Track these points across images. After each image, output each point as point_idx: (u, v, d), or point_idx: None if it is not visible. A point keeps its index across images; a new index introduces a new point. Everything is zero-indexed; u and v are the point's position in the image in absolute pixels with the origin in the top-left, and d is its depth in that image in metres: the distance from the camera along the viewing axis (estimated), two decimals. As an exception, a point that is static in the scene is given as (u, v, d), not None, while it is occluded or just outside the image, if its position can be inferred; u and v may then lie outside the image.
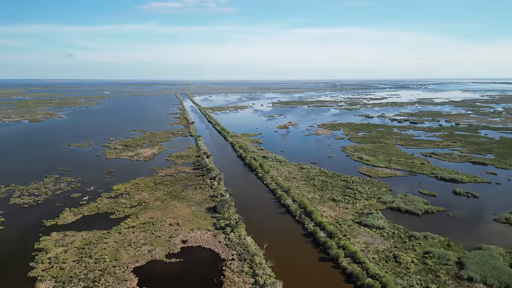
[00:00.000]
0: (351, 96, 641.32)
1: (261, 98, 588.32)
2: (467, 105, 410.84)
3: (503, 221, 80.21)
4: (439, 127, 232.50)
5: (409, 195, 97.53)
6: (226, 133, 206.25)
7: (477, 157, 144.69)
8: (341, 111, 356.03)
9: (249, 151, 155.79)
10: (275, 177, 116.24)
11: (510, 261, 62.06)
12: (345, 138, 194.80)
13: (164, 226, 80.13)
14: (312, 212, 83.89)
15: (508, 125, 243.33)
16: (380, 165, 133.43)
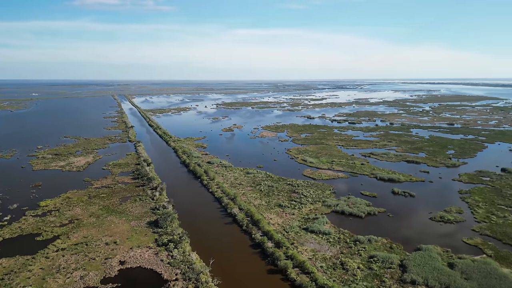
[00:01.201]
0: (293, 97, 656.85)
1: (205, 99, 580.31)
2: (398, 105, 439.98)
3: (438, 219, 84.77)
4: (376, 127, 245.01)
5: (352, 197, 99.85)
6: (168, 138, 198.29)
7: (411, 156, 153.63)
8: (284, 112, 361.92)
9: (193, 157, 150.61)
10: (221, 184, 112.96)
11: (448, 260, 65.16)
12: (289, 140, 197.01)
13: (99, 246, 73.11)
14: (259, 221, 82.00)
15: (436, 123, 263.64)
16: (323, 167, 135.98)
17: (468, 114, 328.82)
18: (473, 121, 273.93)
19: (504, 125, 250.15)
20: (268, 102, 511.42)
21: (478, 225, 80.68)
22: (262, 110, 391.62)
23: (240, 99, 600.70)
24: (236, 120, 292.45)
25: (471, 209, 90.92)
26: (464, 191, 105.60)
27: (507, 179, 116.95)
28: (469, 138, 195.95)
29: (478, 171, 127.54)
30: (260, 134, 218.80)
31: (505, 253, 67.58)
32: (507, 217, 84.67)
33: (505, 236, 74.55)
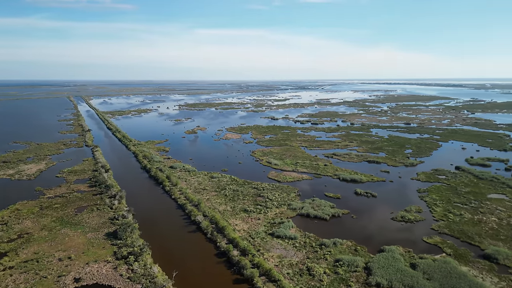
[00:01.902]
0: (257, 97, 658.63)
1: (167, 100, 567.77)
2: (358, 105, 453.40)
3: (400, 219, 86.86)
4: (337, 127, 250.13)
5: (316, 199, 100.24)
6: (128, 141, 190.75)
7: (371, 156, 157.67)
8: (248, 113, 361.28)
9: (154, 161, 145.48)
10: (184, 189, 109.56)
11: (410, 261, 66.55)
12: (254, 141, 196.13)
13: (52, 262, 67.84)
14: (224, 228, 79.94)
15: (394, 123, 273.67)
16: (287, 168, 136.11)
17: (423, 113, 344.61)
18: (427, 121, 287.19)
19: (456, 124, 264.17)
20: (232, 103, 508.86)
21: (437, 224, 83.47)
22: (226, 111, 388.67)
23: (204, 100, 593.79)
24: (200, 122, 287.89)
25: (429, 208, 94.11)
26: (423, 190, 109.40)
27: (461, 177, 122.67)
28: (425, 137, 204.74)
29: (434, 169, 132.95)
30: (224, 136, 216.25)
31: (463, 251, 70.12)
32: (463, 215, 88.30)
33: (462, 234, 77.55)
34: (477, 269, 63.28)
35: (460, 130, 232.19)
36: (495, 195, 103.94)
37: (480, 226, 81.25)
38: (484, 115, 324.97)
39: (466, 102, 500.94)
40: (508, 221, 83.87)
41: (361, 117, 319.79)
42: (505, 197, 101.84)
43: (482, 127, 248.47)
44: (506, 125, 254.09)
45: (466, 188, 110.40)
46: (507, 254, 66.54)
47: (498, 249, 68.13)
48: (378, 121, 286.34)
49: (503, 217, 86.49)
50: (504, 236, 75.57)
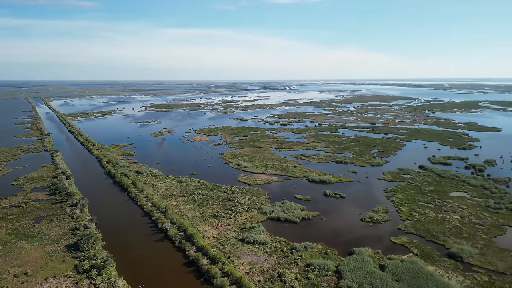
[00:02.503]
0: (226, 98, 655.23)
1: (132, 101, 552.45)
2: (325, 105, 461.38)
3: (368, 220, 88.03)
4: (306, 128, 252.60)
5: (286, 202, 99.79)
6: (91, 145, 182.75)
7: (339, 156, 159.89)
8: (217, 114, 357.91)
9: (119, 166, 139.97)
10: (151, 195, 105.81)
11: (379, 262, 67.25)
12: (223, 143, 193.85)
13: (6, 280, 62.86)
14: (193, 235, 77.52)
15: (360, 123, 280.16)
16: (257, 171, 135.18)
17: (387, 113, 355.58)
18: (391, 120, 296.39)
19: (418, 124, 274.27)
20: (200, 104, 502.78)
21: (403, 224, 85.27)
22: (194, 112, 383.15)
23: (171, 100, 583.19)
24: (167, 124, 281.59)
25: (396, 208, 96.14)
26: (389, 190, 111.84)
27: (425, 175, 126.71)
28: (389, 137, 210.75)
29: (399, 169, 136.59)
30: (192, 138, 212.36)
31: (429, 250, 71.83)
32: (427, 213, 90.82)
33: (428, 233, 79.58)
34: (443, 268, 64.89)
35: (422, 130, 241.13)
36: (457, 193, 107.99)
37: (444, 225, 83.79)
38: (444, 115, 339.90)
39: (427, 102, 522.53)
40: (470, 219, 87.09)
41: (328, 117, 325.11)
42: (466, 195, 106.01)
43: (442, 126, 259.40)
44: (464, 124, 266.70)
45: (430, 186, 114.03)
46: (470, 252, 68.76)
47: (462, 248, 70.29)
48: (344, 121, 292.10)
49: (465, 215, 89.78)
50: (467, 234, 78.26)
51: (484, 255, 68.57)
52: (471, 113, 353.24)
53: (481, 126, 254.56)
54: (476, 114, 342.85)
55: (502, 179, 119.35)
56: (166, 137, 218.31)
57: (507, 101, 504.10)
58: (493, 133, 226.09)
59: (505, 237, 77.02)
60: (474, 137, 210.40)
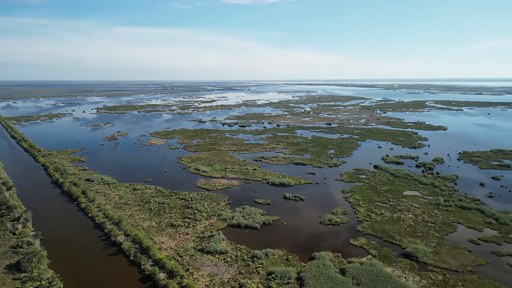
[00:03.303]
0: (183, 99, 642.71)
1: (83, 103, 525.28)
2: (283, 106, 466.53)
3: (327, 222, 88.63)
4: (264, 129, 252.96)
5: (247, 207, 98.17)
6: (36, 152, 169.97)
7: (297, 158, 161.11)
8: (174, 116, 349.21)
9: (68, 174, 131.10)
10: (103, 205, 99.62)
11: (339, 266, 67.51)
12: (180, 147, 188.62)
13: None
14: (149, 248, 73.51)
15: (316, 124, 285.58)
16: (217, 175, 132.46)
17: (342, 113, 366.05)
18: (346, 120, 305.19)
19: (371, 123, 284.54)
20: (156, 105, 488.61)
21: (361, 225, 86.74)
22: (149, 114, 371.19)
23: (125, 102, 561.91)
24: (120, 127, 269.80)
25: (353, 209, 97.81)
26: (346, 191, 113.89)
27: (379, 175, 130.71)
28: (345, 137, 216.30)
29: (355, 169, 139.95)
30: (148, 142, 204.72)
31: (387, 251, 73.36)
32: (383, 213, 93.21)
33: (384, 233, 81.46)
34: (400, 269, 66.39)
35: (375, 129, 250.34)
36: (410, 192, 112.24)
37: (399, 224, 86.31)
38: (395, 114, 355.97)
39: (379, 102, 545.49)
40: (422, 217, 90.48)
41: (286, 118, 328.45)
42: (418, 193, 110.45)
43: (393, 125, 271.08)
44: (413, 123, 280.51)
45: (385, 186, 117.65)
46: (425, 251, 71.04)
47: (417, 247, 72.47)
48: (302, 122, 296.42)
49: (418, 213, 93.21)
50: (421, 233, 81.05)
51: (438, 254, 71.18)
52: (419, 113, 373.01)
53: (428, 125, 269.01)
54: (423, 114, 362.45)
55: (450, 177, 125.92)
56: (119, 141, 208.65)
57: (450, 101, 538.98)
58: (439, 132, 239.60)
59: (456, 234, 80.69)
60: (423, 136, 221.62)
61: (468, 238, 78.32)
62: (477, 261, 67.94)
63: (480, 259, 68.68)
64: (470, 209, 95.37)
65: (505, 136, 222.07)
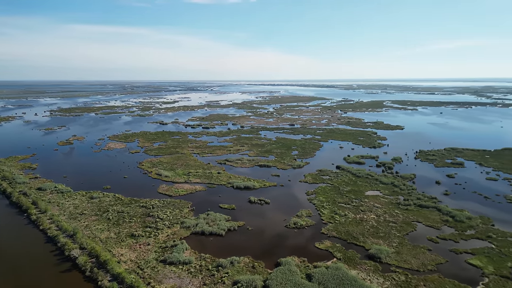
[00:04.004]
0: (143, 100, 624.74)
1: (35, 105, 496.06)
2: (247, 107, 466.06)
3: (292, 226, 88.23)
4: (228, 131, 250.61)
5: (211, 213, 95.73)
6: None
7: (262, 160, 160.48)
8: (134, 118, 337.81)
9: (17, 183, 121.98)
10: (56, 217, 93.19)
11: (305, 271, 67.04)
12: (141, 151, 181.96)
13: None
14: (107, 262, 69.23)
15: (280, 125, 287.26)
16: (179, 180, 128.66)
17: (304, 114, 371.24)
18: (309, 121, 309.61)
19: (332, 124, 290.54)
20: (115, 107, 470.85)
21: (326, 227, 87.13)
22: (108, 116, 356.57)
23: (81, 103, 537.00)
24: (76, 130, 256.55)
25: (318, 211, 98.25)
26: (310, 192, 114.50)
27: (342, 176, 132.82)
28: (308, 138, 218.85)
29: (319, 170, 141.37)
30: (106, 146, 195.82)
31: (351, 253, 73.94)
32: (347, 215, 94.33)
33: (349, 235, 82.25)
34: (364, 271, 67.04)
35: (337, 129, 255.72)
36: (371, 192, 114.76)
37: (363, 225, 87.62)
38: (355, 114, 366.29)
39: (339, 102, 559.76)
40: (384, 217, 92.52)
41: (250, 119, 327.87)
42: (379, 193, 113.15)
43: (354, 125, 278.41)
44: (372, 123, 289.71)
45: (347, 187, 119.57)
46: (387, 252, 72.34)
47: (380, 248, 73.66)
48: (265, 123, 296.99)
49: (380, 213, 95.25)
50: (383, 233, 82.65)
51: (400, 254, 72.75)
52: (378, 112, 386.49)
53: (387, 125, 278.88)
54: (382, 113, 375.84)
55: (408, 176, 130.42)
56: (75, 145, 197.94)
57: (406, 101, 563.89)
58: (397, 131, 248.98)
59: (416, 234, 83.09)
60: (382, 135, 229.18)
61: (428, 237, 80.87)
62: (437, 260, 70.09)
63: (439, 258, 70.93)
64: (428, 207, 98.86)
65: (457, 134, 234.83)
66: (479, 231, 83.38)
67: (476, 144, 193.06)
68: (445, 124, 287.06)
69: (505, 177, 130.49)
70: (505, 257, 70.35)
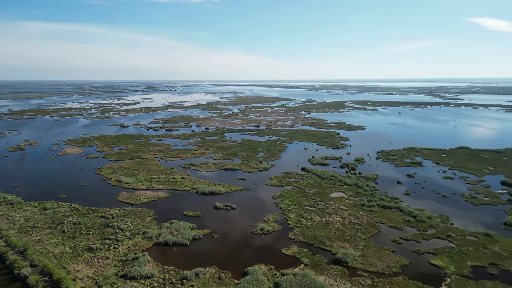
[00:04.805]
0: (103, 101, 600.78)
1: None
2: (211, 108, 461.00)
3: (259, 232, 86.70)
4: (193, 133, 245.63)
5: (175, 221, 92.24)
6: None
7: (228, 163, 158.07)
8: (93, 121, 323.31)
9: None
10: (5, 231, 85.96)
11: (273, 280, 65.70)
12: (100, 156, 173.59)
13: None
14: (61, 280, 64.22)
15: (245, 126, 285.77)
16: (141, 187, 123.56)
17: (269, 115, 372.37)
18: (274, 122, 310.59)
19: (297, 125, 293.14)
20: (72, 109, 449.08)
21: (293, 232, 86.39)
22: (64, 119, 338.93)
23: (35, 105, 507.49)
24: (29, 135, 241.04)
25: (284, 215, 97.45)
26: (277, 196, 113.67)
27: (307, 178, 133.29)
28: (273, 140, 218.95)
29: (284, 172, 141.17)
30: (62, 151, 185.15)
31: (318, 258, 73.53)
32: (313, 218, 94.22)
33: (315, 239, 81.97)
34: (332, 276, 66.76)
35: (301, 131, 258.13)
36: (336, 193, 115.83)
37: (329, 229, 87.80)
38: (318, 115, 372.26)
39: (303, 102, 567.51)
40: (349, 219, 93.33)
41: (215, 120, 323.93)
42: (344, 194, 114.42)
43: (317, 126, 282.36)
44: (335, 124, 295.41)
45: (313, 189, 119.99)
46: (353, 256, 72.63)
47: (346, 252, 73.83)
48: (231, 125, 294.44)
49: (345, 215, 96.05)
50: (349, 236, 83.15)
51: (365, 257, 73.29)
52: (340, 113, 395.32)
53: (349, 125, 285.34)
54: (344, 114, 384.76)
55: (371, 177, 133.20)
56: (27, 151, 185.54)
57: (366, 101, 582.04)
58: (359, 132, 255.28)
59: (380, 235, 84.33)
60: (345, 136, 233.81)
61: (391, 238, 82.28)
62: (401, 261, 71.26)
63: (403, 259, 72.17)
64: (391, 208, 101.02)
65: (415, 134, 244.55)
66: (439, 230, 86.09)
67: (432, 143, 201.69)
68: (404, 124, 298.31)
69: (460, 175, 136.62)
70: (465, 256, 72.82)
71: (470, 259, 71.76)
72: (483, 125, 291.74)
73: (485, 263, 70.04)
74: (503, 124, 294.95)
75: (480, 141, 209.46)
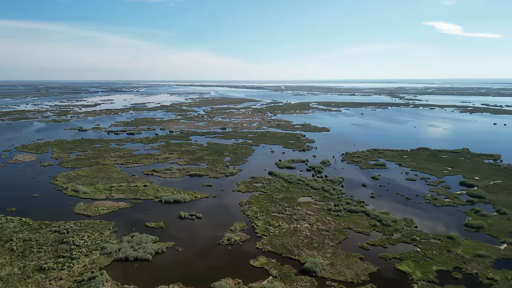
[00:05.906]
0: (60, 103, 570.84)
1: None
2: (176, 110, 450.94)
3: (226, 243, 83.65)
4: (156, 137, 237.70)
5: (136, 234, 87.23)
6: None
7: (193, 168, 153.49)
8: (48, 125, 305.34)
9: None
10: None
11: (241, 295, 63.09)
12: (55, 163, 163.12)
13: None
14: (6, 308, 58.11)
15: (211, 129, 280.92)
16: (100, 196, 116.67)
17: (236, 117, 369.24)
18: (240, 124, 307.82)
19: (263, 127, 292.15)
20: (25, 111, 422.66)
21: (261, 241, 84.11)
22: (16, 122, 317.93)
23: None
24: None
25: (252, 223, 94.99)
26: (244, 202, 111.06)
27: (275, 182, 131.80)
28: (240, 143, 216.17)
29: (252, 177, 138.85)
30: (13, 158, 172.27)
31: (287, 269, 71.67)
32: (281, 225, 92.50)
33: (283, 248, 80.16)
34: (301, 288, 65.17)
35: (268, 133, 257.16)
36: (303, 198, 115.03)
37: (297, 236, 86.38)
38: (284, 116, 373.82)
39: (269, 104, 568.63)
40: (317, 225, 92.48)
41: (179, 123, 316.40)
42: (311, 199, 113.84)
43: (283, 128, 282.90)
44: (301, 125, 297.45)
45: (280, 194, 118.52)
46: (322, 265, 71.45)
47: (315, 261, 72.51)
48: (196, 127, 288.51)
49: (313, 221, 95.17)
50: (317, 244, 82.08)
51: (334, 265, 72.37)
52: (305, 114, 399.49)
53: (314, 127, 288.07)
54: (308, 115, 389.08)
55: (337, 180, 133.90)
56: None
57: (330, 102, 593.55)
58: (324, 133, 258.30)
59: (348, 241, 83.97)
60: (310, 138, 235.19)
61: (359, 244, 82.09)
62: (369, 269, 70.95)
63: (371, 266, 71.91)
64: (357, 212, 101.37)
65: (378, 135, 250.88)
66: (404, 234, 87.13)
67: (394, 144, 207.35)
68: (366, 125, 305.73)
69: (422, 176, 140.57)
70: (430, 260, 73.75)
71: (435, 263, 72.78)
72: (440, 125, 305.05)
73: (449, 267, 71.23)
74: (458, 124, 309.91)
75: (438, 142, 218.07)
